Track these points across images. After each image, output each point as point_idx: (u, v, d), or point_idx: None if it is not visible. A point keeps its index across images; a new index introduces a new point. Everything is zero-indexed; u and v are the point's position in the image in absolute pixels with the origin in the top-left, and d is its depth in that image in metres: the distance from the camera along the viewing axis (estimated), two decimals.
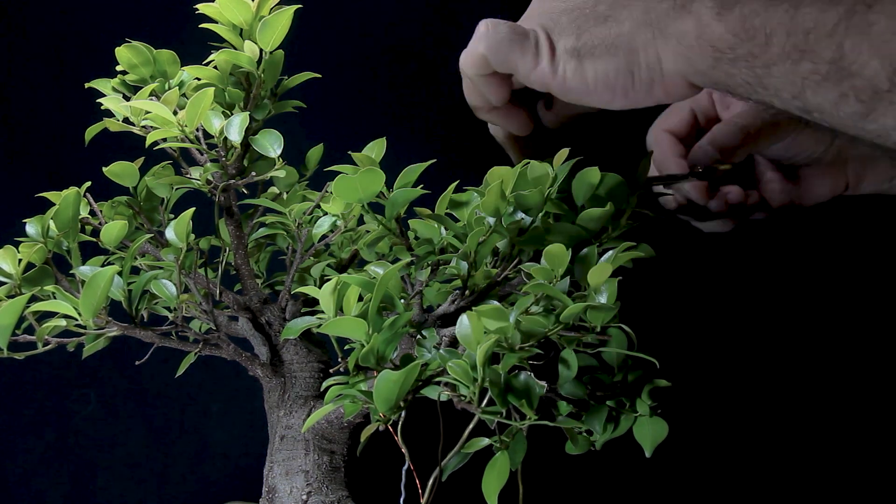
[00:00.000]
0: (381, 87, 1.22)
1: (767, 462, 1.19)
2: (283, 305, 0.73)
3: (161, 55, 0.70)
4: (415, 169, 0.66)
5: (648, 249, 0.63)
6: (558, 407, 0.69)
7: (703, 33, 0.58)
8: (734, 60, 0.57)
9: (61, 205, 0.65)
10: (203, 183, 0.68)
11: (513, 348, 0.58)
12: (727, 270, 1.19)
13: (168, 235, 0.67)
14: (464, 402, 0.57)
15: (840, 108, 0.54)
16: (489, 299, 0.66)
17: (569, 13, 0.64)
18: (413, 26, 1.21)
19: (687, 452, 1.12)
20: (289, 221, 0.72)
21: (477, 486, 0.60)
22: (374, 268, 0.65)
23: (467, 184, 0.67)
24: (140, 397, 1.20)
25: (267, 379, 0.72)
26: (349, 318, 0.56)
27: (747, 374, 1.19)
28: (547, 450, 0.73)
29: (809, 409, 1.19)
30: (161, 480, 1.20)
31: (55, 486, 1.19)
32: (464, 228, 0.65)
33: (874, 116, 0.53)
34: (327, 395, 0.61)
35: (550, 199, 0.64)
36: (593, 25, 0.62)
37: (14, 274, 0.64)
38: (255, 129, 0.69)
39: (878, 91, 0.52)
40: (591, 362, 0.69)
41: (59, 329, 0.63)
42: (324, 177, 0.71)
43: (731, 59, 0.57)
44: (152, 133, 0.65)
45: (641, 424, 0.66)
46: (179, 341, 0.70)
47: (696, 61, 0.59)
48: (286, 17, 0.65)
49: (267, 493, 0.71)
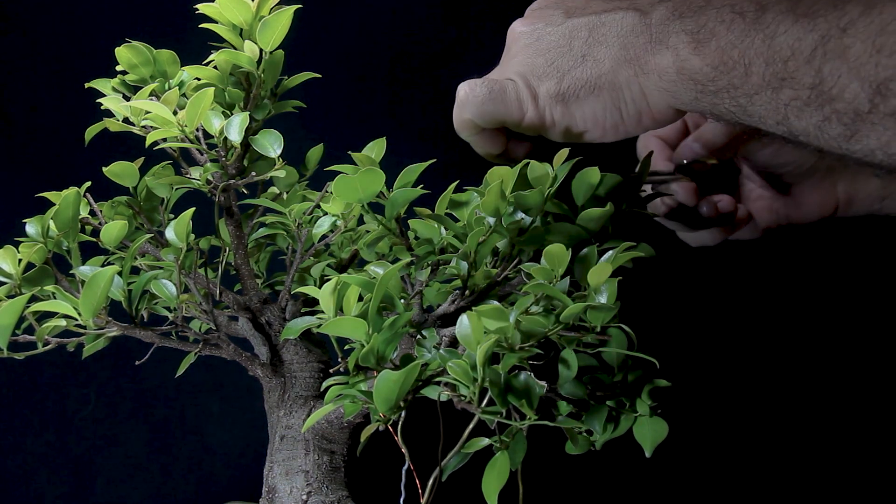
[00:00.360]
0: (381, 87, 1.22)
1: (767, 462, 1.19)
2: (283, 305, 0.73)
3: (161, 55, 0.70)
4: (415, 169, 0.66)
5: (648, 249, 0.63)
6: (558, 407, 0.69)
7: (682, 68, 0.59)
8: (716, 92, 0.58)
9: (61, 205, 0.65)
10: (203, 183, 0.68)
11: (513, 348, 0.58)
12: (727, 270, 1.19)
13: (168, 235, 0.67)
14: (464, 402, 0.57)
15: (824, 131, 0.54)
16: (489, 299, 0.66)
17: (544, 55, 0.64)
18: (413, 26, 1.21)
19: (687, 452, 1.12)
20: (289, 221, 0.72)
21: (477, 486, 0.60)
22: (374, 268, 0.65)
23: (467, 184, 0.67)
24: (140, 397, 1.20)
25: (267, 379, 0.72)
26: (349, 318, 0.56)
27: (747, 374, 1.19)
28: (547, 450, 0.73)
29: (809, 408, 1.19)
30: (161, 480, 1.20)
31: (55, 486, 1.19)
32: (464, 228, 0.65)
33: (858, 137, 0.53)
34: (327, 395, 0.61)
35: (550, 199, 0.64)
36: (572, 66, 0.63)
37: (14, 274, 0.64)
38: (255, 129, 0.69)
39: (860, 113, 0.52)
40: (591, 362, 0.69)
41: (59, 329, 0.63)
42: (323, 177, 0.71)
43: (712, 90, 0.58)
44: (152, 133, 0.65)
45: (641, 424, 0.66)
46: (179, 341, 0.70)
47: (679, 94, 0.60)
48: (286, 17, 0.65)
49: (267, 493, 0.71)
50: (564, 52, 0.63)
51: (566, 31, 0.64)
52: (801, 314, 1.19)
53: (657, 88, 0.61)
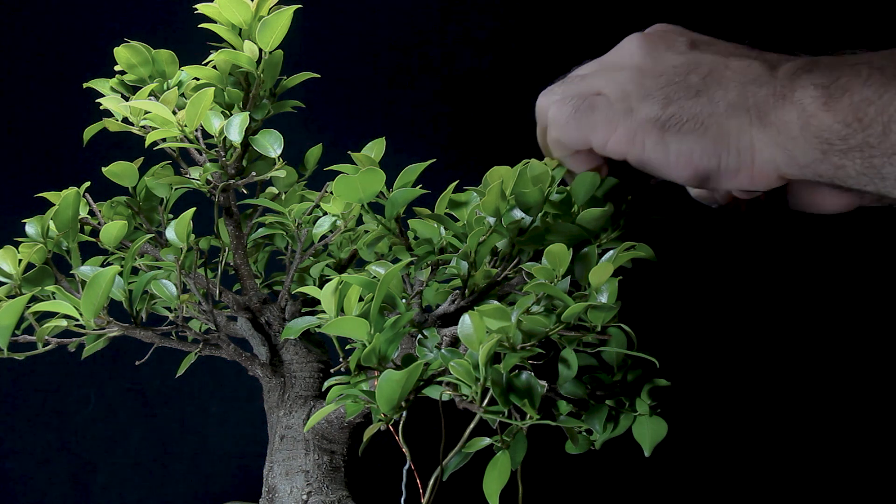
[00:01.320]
0: (381, 87, 1.22)
1: (767, 462, 1.19)
2: (283, 305, 0.73)
3: (160, 55, 0.70)
4: (415, 169, 0.66)
5: (648, 249, 0.63)
6: (558, 406, 0.69)
7: (808, 123, 0.54)
8: (846, 152, 0.53)
9: (61, 205, 0.65)
10: (202, 183, 0.68)
11: (514, 348, 0.58)
12: (727, 270, 1.19)
13: (168, 235, 0.67)
14: (466, 401, 0.57)
15: None
16: (489, 299, 0.66)
17: (656, 78, 0.59)
18: (413, 26, 1.21)
19: (686, 452, 1.12)
20: (288, 221, 0.72)
21: (478, 485, 0.60)
22: (375, 267, 0.65)
23: (467, 184, 0.67)
24: (140, 397, 1.20)
25: (267, 379, 0.72)
26: (351, 317, 0.56)
27: (747, 374, 1.19)
28: (547, 450, 0.73)
29: (809, 408, 1.19)
30: (161, 480, 1.20)
31: (55, 486, 1.19)
32: (463, 228, 0.65)
33: None
34: (329, 395, 0.61)
35: (550, 199, 0.64)
36: (683, 97, 0.58)
37: (14, 274, 0.64)
38: (255, 129, 0.69)
39: None
40: (591, 362, 0.70)
41: (59, 329, 0.63)
42: (322, 177, 0.71)
43: (842, 150, 0.53)
44: (152, 133, 0.65)
45: (641, 424, 0.67)
46: (179, 341, 0.70)
47: (798, 154, 0.55)
48: (286, 17, 0.65)
49: (267, 493, 0.71)
50: (679, 81, 0.59)
51: (686, 61, 0.59)
52: (801, 314, 1.19)
53: (772, 144, 0.56)
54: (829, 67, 0.54)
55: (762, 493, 1.18)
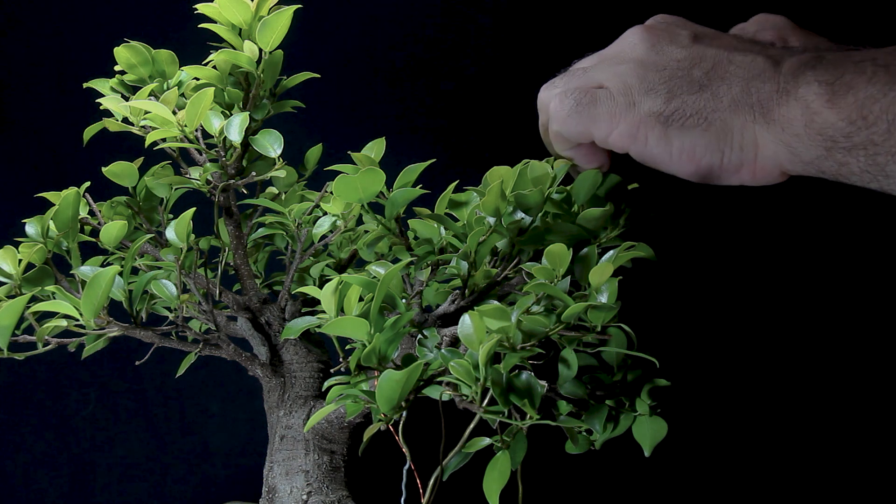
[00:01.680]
0: (380, 87, 1.22)
1: (767, 462, 1.19)
2: (283, 305, 0.73)
3: (160, 55, 0.70)
4: (415, 169, 0.66)
5: (648, 249, 0.63)
6: (558, 406, 0.69)
7: (812, 121, 0.54)
8: (850, 149, 0.53)
9: (61, 205, 0.65)
10: (202, 183, 0.68)
11: (514, 348, 0.58)
12: (727, 270, 1.19)
13: (168, 235, 0.67)
14: (466, 401, 0.57)
15: None
16: (489, 299, 0.66)
17: (659, 71, 0.59)
18: (413, 25, 1.21)
19: (686, 452, 1.12)
20: (288, 221, 0.72)
21: (478, 485, 0.60)
22: (375, 267, 0.65)
23: (467, 184, 0.67)
24: (140, 397, 1.20)
25: (267, 379, 0.72)
26: (351, 317, 0.56)
27: (747, 374, 1.19)
28: (547, 450, 0.73)
29: (809, 408, 1.19)
30: (161, 480, 1.20)
31: (55, 486, 1.19)
32: (463, 228, 0.65)
33: None
34: (329, 395, 0.61)
35: (550, 199, 0.64)
36: (686, 92, 0.58)
37: (14, 274, 0.64)
38: (255, 129, 0.69)
39: None
40: (591, 362, 0.70)
41: (59, 329, 0.63)
42: (322, 177, 0.71)
43: (845, 147, 0.53)
44: (152, 133, 0.65)
45: (641, 424, 0.67)
46: (179, 341, 0.70)
47: (801, 151, 0.55)
48: (286, 17, 0.65)
49: (267, 493, 0.71)
50: (682, 75, 0.59)
51: (689, 55, 0.59)
52: (801, 313, 1.19)
53: (775, 141, 0.56)
54: (832, 64, 0.54)
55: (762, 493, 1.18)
